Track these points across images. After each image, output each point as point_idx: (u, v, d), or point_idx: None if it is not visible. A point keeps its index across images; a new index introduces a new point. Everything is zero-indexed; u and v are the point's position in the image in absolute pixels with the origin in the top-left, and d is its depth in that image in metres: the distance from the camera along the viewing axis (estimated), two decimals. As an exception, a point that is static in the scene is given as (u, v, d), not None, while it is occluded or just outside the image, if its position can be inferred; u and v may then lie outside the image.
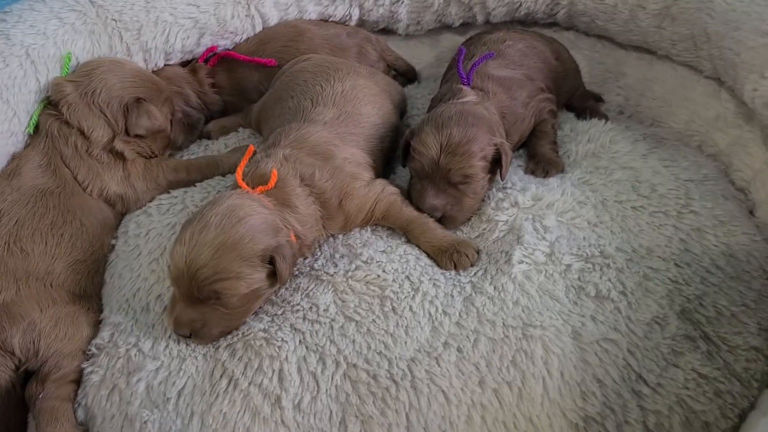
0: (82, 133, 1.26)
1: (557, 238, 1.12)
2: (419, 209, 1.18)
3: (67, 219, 1.19)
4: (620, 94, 1.63)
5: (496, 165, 1.19)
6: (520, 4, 1.56)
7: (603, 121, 1.44)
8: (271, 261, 1.00)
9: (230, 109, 1.60)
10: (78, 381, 1.06)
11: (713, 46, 1.31)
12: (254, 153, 1.17)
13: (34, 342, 1.05)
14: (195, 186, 1.36)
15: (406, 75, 1.70)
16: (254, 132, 1.52)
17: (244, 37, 1.56)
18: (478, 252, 1.14)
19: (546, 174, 1.30)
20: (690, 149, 1.41)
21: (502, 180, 1.22)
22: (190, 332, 1.00)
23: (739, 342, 0.99)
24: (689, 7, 1.35)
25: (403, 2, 1.58)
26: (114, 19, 1.41)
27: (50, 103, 1.28)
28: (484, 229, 1.18)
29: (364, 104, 1.30)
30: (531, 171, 1.32)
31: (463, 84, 1.30)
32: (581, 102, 1.59)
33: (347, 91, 1.30)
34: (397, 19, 1.62)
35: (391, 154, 1.35)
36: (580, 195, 1.21)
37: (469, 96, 1.25)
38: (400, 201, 1.18)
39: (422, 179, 1.19)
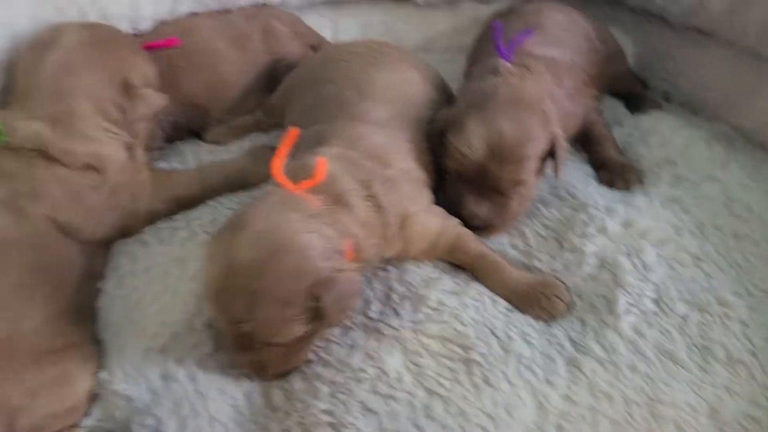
0: None
1: (662, 280, 0.94)
2: (458, 215, 0.98)
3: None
4: (666, 79, 1.43)
5: (547, 159, 1.01)
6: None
7: (668, 116, 1.27)
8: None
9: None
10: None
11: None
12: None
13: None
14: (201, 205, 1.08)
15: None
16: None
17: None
18: (567, 290, 0.95)
19: (627, 184, 1.11)
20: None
21: (556, 178, 1.02)
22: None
23: None
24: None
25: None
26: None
27: None
28: (568, 260, 0.98)
29: (415, 103, 1.06)
30: (608, 182, 1.12)
31: (504, 59, 1.06)
32: (627, 88, 1.39)
33: (397, 85, 1.06)
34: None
35: None
36: (674, 218, 1.03)
37: (514, 75, 1.02)
38: (464, 234, 0.97)
39: (462, 182, 0.99)
